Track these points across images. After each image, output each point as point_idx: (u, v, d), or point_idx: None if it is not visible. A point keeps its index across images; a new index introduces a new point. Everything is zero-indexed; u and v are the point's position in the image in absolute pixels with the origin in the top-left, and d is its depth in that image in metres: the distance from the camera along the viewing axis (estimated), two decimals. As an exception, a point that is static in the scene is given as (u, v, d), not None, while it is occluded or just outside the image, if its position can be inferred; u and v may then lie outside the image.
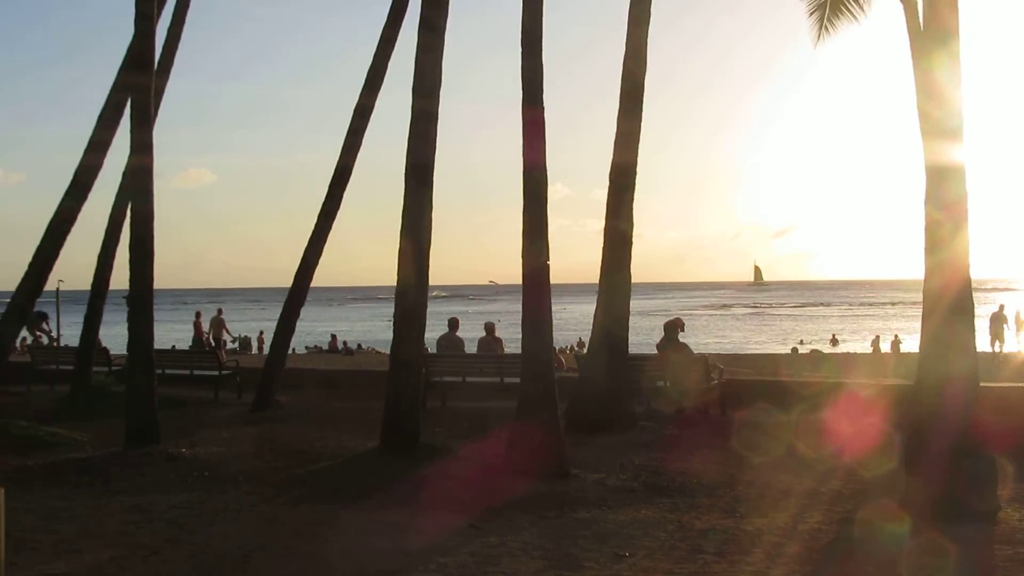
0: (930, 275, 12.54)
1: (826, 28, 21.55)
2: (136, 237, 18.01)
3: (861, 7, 21.18)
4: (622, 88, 19.17)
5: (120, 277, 20.48)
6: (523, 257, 15.31)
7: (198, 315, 43.95)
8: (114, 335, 23.05)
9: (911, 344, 38.97)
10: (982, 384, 14.29)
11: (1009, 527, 11.42)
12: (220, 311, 45.31)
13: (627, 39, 19.17)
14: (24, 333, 28.28)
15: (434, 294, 16.79)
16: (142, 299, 17.82)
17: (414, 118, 16.01)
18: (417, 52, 16.11)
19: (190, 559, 10.43)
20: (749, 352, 47.06)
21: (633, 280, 19.55)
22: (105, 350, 26.01)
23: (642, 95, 19.24)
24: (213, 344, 41.12)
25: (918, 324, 13.86)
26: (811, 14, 21.54)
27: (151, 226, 17.98)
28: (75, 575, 9.79)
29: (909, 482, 12.42)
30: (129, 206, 19.03)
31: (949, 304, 12.29)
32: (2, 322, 21.24)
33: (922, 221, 12.82)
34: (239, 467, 15.42)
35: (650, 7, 19.25)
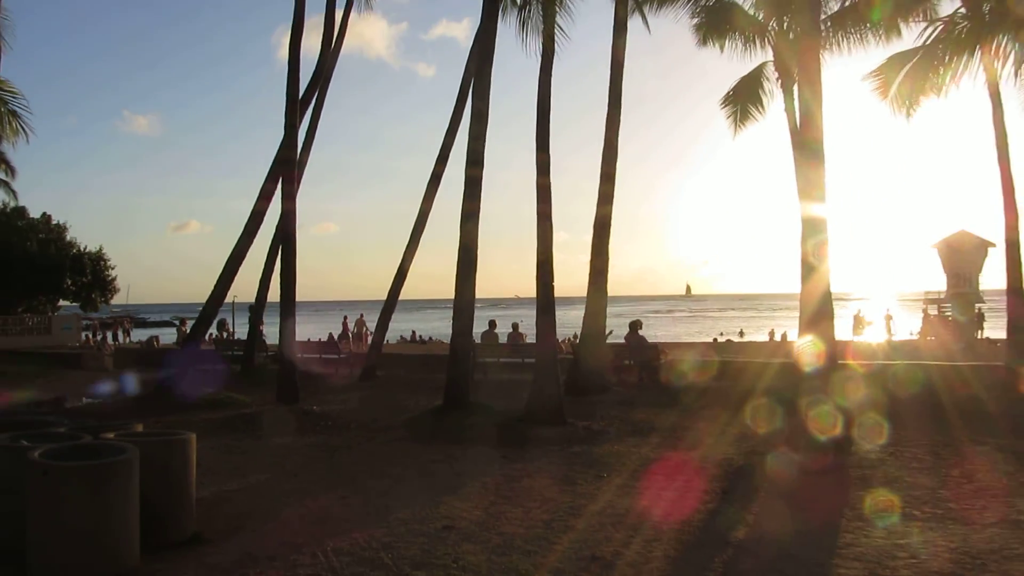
0: (804, 291, 12.45)
1: (739, 126, 21.51)
2: (285, 265, 18.16)
3: (761, 113, 21.18)
4: (601, 170, 19.11)
5: (273, 293, 20.57)
6: (537, 279, 15.31)
7: (345, 318, 46.43)
8: (272, 332, 23.19)
9: (793, 335, 38.76)
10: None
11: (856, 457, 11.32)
12: (362, 315, 46.47)
13: (605, 139, 19.09)
14: (213, 330, 28.58)
15: (478, 304, 16.68)
16: (288, 307, 17.93)
17: (467, 182, 15.90)
18: (469, 138, 15.96)
19: (319, 479, 10.54)
20: (685, 340, 46.87)
21: (608, 294, 19.60)
22: (264, 341, 26.14)
23: (614, 173, 19.18)
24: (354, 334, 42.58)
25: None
26: (728, 116, 21.52)
27: (294, 258, 18.10)
28: (242, 490, 9.92)
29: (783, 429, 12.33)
30: (280, 246, 19.14)
31: (815, 310, 12.21)
32: (196, 323, 21.45)
33: (799, 254, 12.76)
34: (351, 418, 15.51)
35: (620, 115, 19.19)
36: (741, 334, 57.84)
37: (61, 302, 49.81)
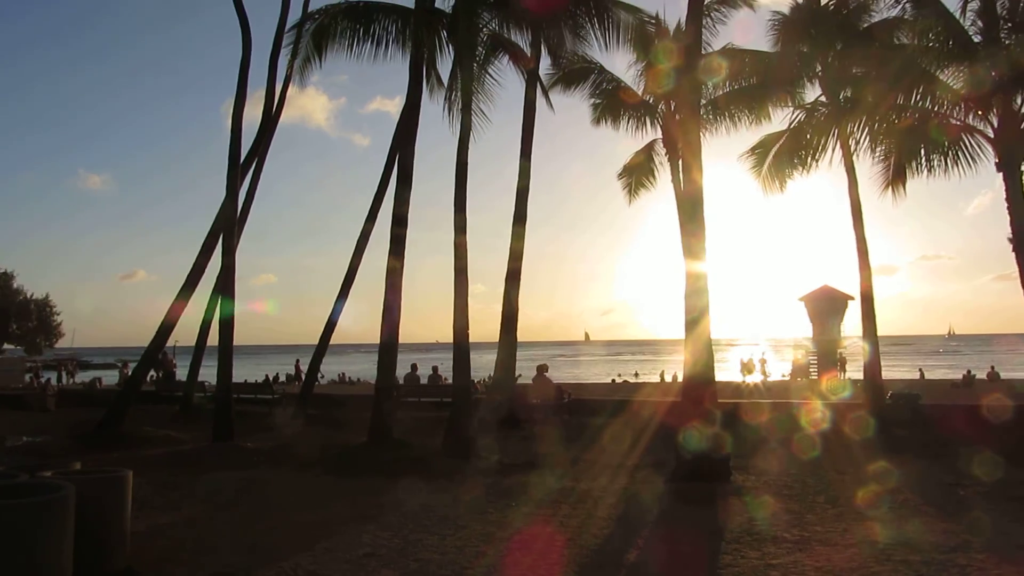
0: (688, 338, 12.66)
1: (634, 195, 21.97)
2: (223, 312, 17.73)
3: (653, 183, 21.69)
4: (513, 229, 19.23)
5: (213, 338, 20.00)
6: (454, 325, 15.24)
7: (297, 361, 44.67)
8: (210, 374, 22.52)
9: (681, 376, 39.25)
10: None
11: (734, 487, 11.49)
12: (298, 360, 45.42)
13: (516, 201, 19.25)
14: (153, 372, 27.63)
15: (403, 347, 16.54)
16: (226, 351, 17.45)
17: (392, 240, 15.75)
18: (395, 201, 15.84)
19: (250, 512, 10.17)
20: (587, 382, 47.13)
21: (518, 340, 19.63)
22: (202, 383, 25.32)
23: (524, 232, 19.33)
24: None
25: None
26: (624, 187, 21.97)
27: (232, 306, 17.71)
28: (176, 523, 9.49)
29: (670, 461, 12.43)
30: (219, 295, 18.71)
31: (698, 354, 12.41)
32: (138, 365, 20.72)
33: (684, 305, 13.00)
34: (282, 454, 15.08)
35: (529, 181, 19.36)
36: (636, 376, 58.44)
37: (5, 346, 47.62)
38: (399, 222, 15.57)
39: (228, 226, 18.13)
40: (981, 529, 8.91)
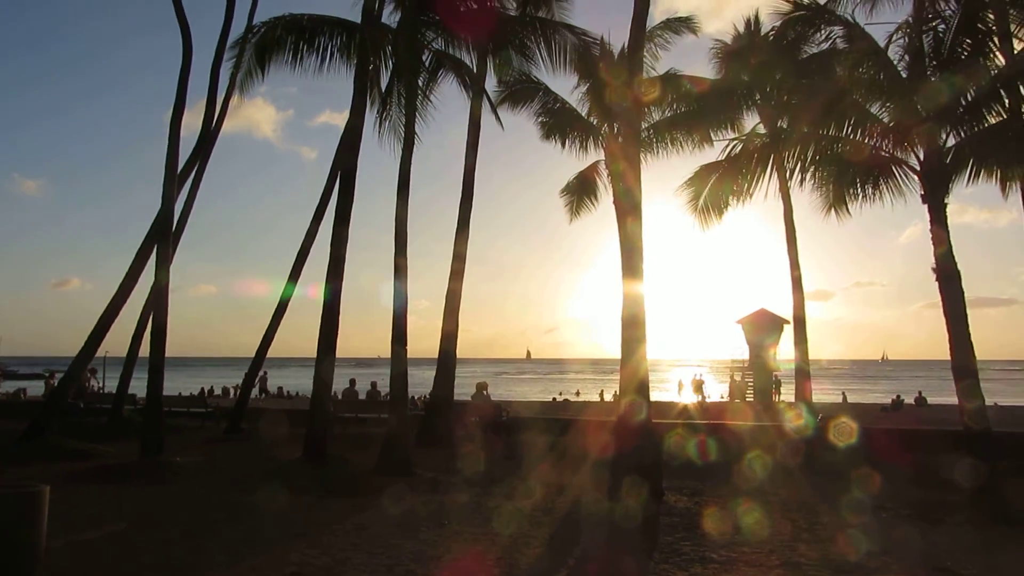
0: (624, 359, 12.77)
1: (575, 214, 22.18)
2: (156, 324, 17.31)
3: (595, 204, 21.94)
4: (454, 250, 19.24)
5: (145, 349, 19.54)
6: (392, 341, 15.17)
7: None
8: (141, 386, 21.99)
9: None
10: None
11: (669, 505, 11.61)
12: (265, 372, 44.79)
13: (459, 219, 19.30)
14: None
15: (344, 362, 16.38)
16: (157, 364, 17.03)
17: (331, 259, 15.61)
18: (335, 220, 15.76)
19: (176, 529, 9.92)
20: (528, 400, 47.12)
21: (462, 357, 19.58)
22: (132, 395, 24.70)
23: (465, 252, 19.35)
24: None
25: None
26: (566, 206, 22.18)
27: (166, 318, 17.32)
28: (97, 540, 9.24)
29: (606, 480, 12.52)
30: (152, 307, 18.31)
31: (633, 375, 12.53)
32: (65, 377, 20.15)
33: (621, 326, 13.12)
34: (212, 469, 14.80)
35: (472, 201, 19.43)
36: (578, 394, 58.64)
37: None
38: (338, 242, 15.48)
39: (163, 237, 17.76)
40: (902, 551, 9.17)
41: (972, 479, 11.48)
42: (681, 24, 21.09)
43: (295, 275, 22.32)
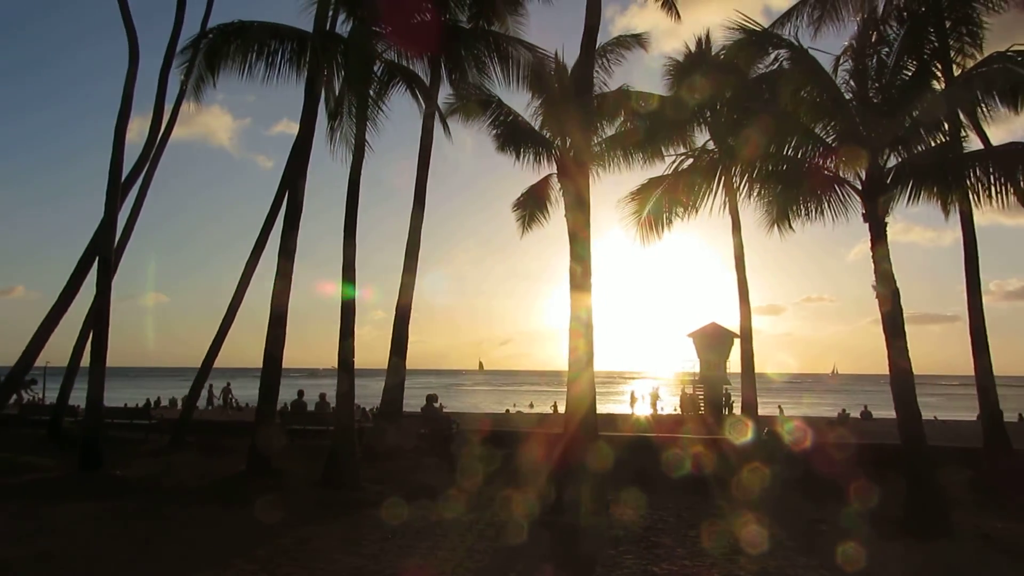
0: (572, 371, 12.85)
1: (527, 227, 22.25)
2: (97, 336, 16.99)
3: (546, 218, 22.03)
4: (405, 262, 19.15)
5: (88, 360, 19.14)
6: (339, 353, 15.06)
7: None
8: (83, 397, 21.51)
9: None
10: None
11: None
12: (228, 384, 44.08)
13: (410, 231, 19.22)
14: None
15: (295, 372, 16.22)
16: (98, 375, 16.72)
17: (279, 271, 15.48)
18: (283, 229, 15.64)
19: (111, 545, 9.75)
20: (480, 412, 47.06)
21: (412, 368, 19.48)
22: (73, 407, 24.09)
23: (416, 263, 19.27)
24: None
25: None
26: (518, 220, 22.24)
27: (107, 327, 17.01)
28: (28, 558, 9.00)
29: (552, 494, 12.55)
30: (95, 316, 17.96)
31: (581, 388, 12.62)
32: (1, 387, 19.64)
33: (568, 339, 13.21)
34: (154, 483, 14.52)
35: (423, 213, 19.37)
36: (531, 406, 58.71)
37: None
38: (287, 252, 15.39)
39: (106, 245, 17.46)
40: (839, 565, 9.36)
41: (907, 492, 11.75)
42: (633, 40, 21.36)
43: (244, 284, 22.06)
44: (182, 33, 19.80)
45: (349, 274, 15.26)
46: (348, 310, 15.07)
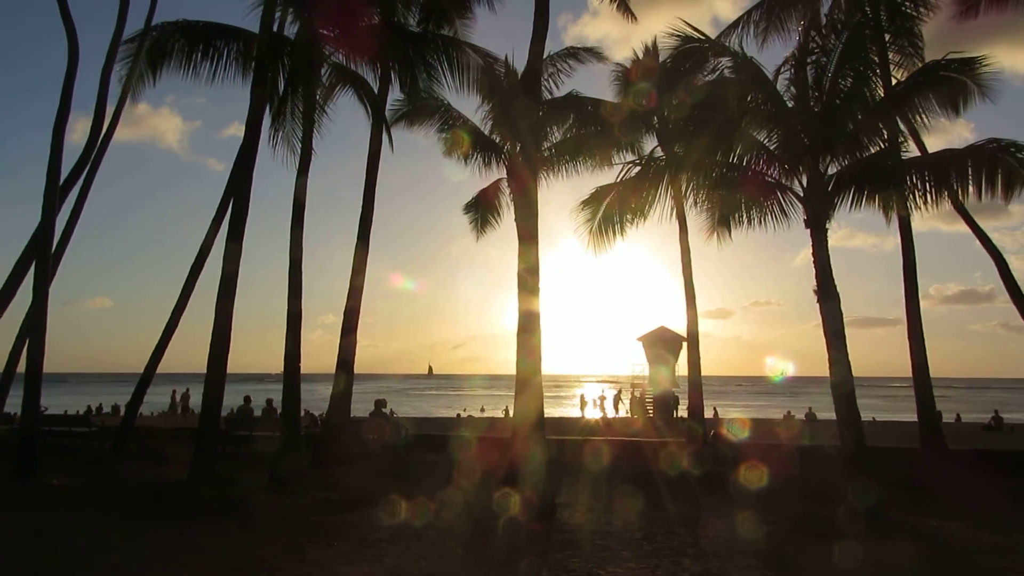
0: (519, 375, 12.86)
1: (480, 231, 22.25)
2: (33, 341, 16.53)
3: (498, 222, 22.06)
4: (353, 265, 18.97)
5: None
6: (285, 358, 14.89)
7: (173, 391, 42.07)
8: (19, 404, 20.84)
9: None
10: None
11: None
12: (187, 389, 43.12)
13: (358, 235, 19.06)
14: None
15: (243, 377, 15.94)
16: (33, 380, 16.26)
17: (225, 276, 15.22)
18: (227, 239, 15.41)
19: (42, 558, 9.45)
20: (430, 416, 46.87)
21: (364, 372, 19.29)
22: (9, 414, 23.35)
23: (364, 268, 19.09)
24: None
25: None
26: (471, 223, 22.22)
27: (43, 336, 16.54)
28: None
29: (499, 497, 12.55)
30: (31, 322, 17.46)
31: (528, 392, 12.63)
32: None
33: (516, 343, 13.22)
34: (92, 493, 14.10)
35: (372, 215, 19.21)
36: (482, 410, 58.64)
37: None
38: (231, 259, 15.15)
39: (42, 249, 17.00)
40: (782, 564, 9.50)
41: (847, 492, 11.99)
42: (588, 54, 21.44)
43: (188, 288, 21.65)
44: (125, 32, 19.41)
45: (296, 276, 15.10)
46: (294, 320, 14.92)
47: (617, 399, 46.07)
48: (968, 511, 12.57)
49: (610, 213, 19.96)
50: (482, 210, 21.99)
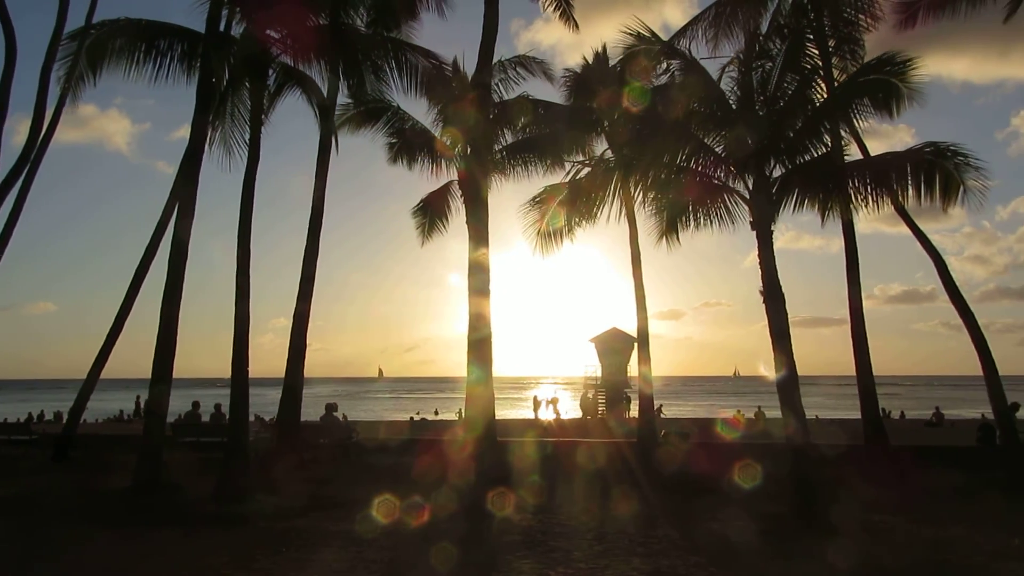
0: (471, 377, 12.86)
1: (427, 235, 22.17)
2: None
3: (446, 227, 22.01)
4: (303, 271, 18.71)
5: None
6: (232, 362, 14.65)
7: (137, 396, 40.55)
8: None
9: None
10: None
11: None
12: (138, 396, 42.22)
13: (307, 242, 18.79)
14: None
15: (193, 381, 15.68)
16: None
17: (171, 280, 14.96)
18: (173, 238, 15.12)
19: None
20: (383, 420, 46.54)
21: (316, 376, 19.05)
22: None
23: (314, 273, 18.81)
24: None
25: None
26: (417, 227, 22.13)
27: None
28: None
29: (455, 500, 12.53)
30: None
31: (480, 394, 12.63)
32: None
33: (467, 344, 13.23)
34: (29, 502, 13.75)
35: (321, 221, 18.97)
36: (436, 413, 58.42)
37: None
38: (177, 255, 14.90)
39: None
40: (729, 562, 9.63)
41: (793, 489, 12.21)
42: (536, 65, 21.49)
43: (133, 292, 21.21)
44: (65, 29, 18.94)
45: (243, 279, 14.88)
46: (242, 322, 14.69)
47: (555, 401, 46.25)
48: (909, 506, 12.90)
49: (559, 213, 20.08)
50: (431, 214, 21.92)
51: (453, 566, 9.48)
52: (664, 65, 15.18)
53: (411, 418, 48.22)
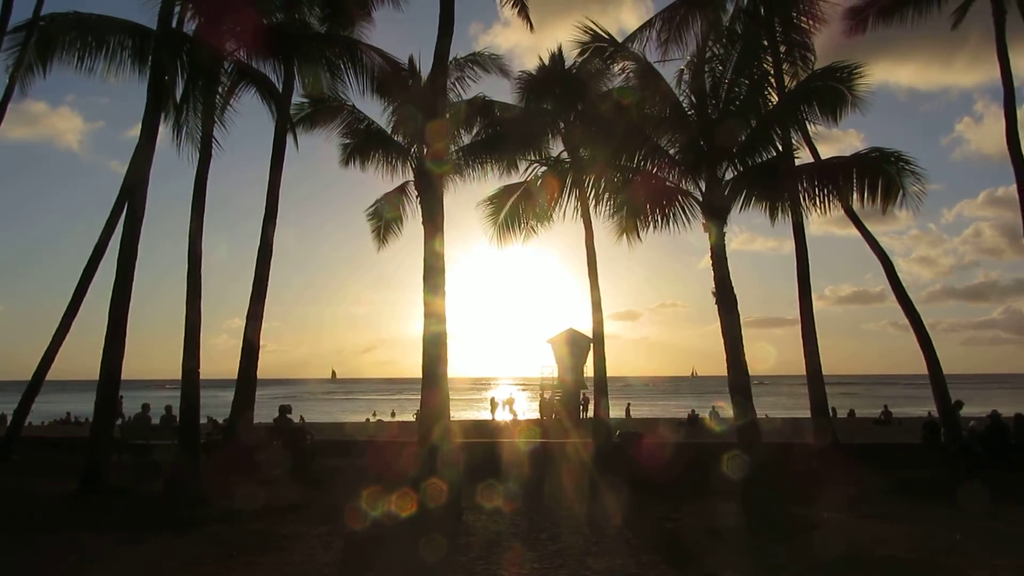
0: (426, 377, 12.81)
1: (382, 238, 22.05)
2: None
3: (401, 228, 21.93)
4: (256, 272, 18.48)
5: None
6: (183, 363, 14.44)
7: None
8: None
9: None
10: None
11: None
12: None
13: (261, 240, 18.58)
14: None
15: (141, 384, 15.41)
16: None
17: (120, 280, 14.67)
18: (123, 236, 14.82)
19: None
20: (339, 421, 46.15)
21: (268, 377, 18.79)
22: None
23: (268, 274, 18.58)
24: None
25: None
26: (372, 231, 22.03)
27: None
28: None
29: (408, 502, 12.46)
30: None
31: (434, 394, 12.60)
32: None
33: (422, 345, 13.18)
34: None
35: (275, 220, 18.77)
36: (393, 415, 58.13)
37: None
38: (126, 262, 14.64)
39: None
40: (681, 560, 9.74)
41: (744, 489, 12.39)
42: (492, 62, 21.49)
43: (81, 292, 20.75)
44: (11, 20, 18.44)
45: (194, 278, 14.68)
46: (193, 322, 14.49)
47: (511, 402, 46.38)
48: (856, 502, 13.16)
49: (515, 212, 20.12)
50: (386, 215, 21.79)
51: (407, 569, 9.45)
52: (619, 67, 15.29)
53: (367, 419, 47.99)
